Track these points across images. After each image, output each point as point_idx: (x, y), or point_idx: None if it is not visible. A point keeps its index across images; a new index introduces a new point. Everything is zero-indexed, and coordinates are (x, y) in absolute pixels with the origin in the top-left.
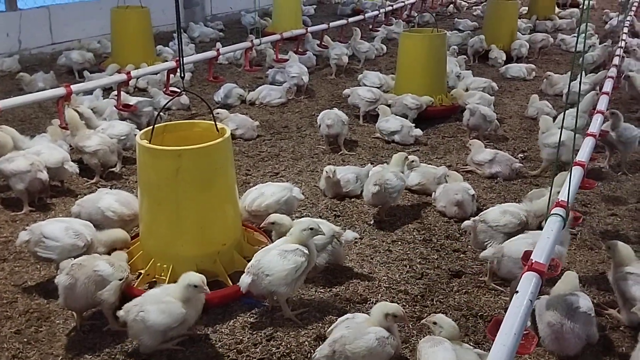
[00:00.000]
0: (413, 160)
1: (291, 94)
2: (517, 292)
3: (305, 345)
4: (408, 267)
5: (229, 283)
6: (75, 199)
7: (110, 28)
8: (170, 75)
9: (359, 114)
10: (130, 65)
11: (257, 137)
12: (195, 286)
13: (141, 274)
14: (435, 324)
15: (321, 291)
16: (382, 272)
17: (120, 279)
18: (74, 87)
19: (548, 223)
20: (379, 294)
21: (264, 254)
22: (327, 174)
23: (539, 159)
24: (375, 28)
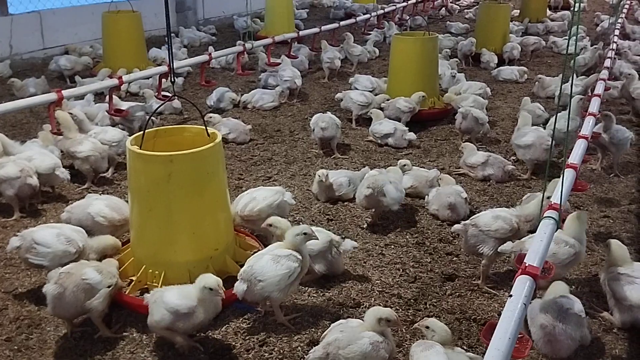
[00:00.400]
0: (405, 164)
1: (284, 98)
2: (510, 295)
3: (298, 350)
4: (401, 270)
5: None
6: (66, 204)
7: (101, 32)
8: (162, 80)
9: (351, 117)
10: (122, 70)
11: (249, 141)
12: (211, 289)
13: (132, 280)
14: (427, 328)
15: (314, 296)
16: (375, 276)
17: (109, 286)
18: (65, 93)
19: (541, 226)
20: (372, 298)
21: (256, 259)
22: (320, 177)
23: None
24: (367, 31)
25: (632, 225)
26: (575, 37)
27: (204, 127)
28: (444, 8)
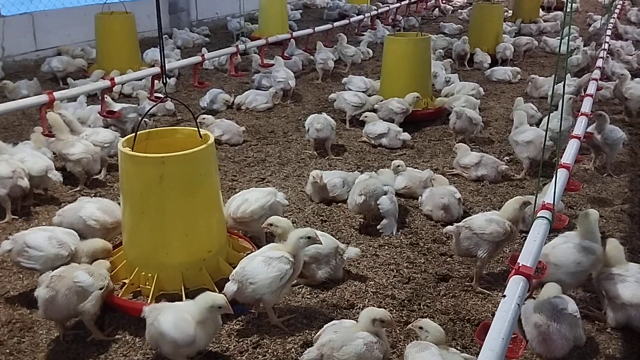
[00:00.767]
0: (399, 165)
1: (277, 99)
2: (504, 296)
3: (292, 352)
4: (395, 271)
5: (215, 291)
6: (59, 207)
7: (95, 34)
8: (155, 81)
9: (344, 118)
10: (115, 71)
11: (243, 143)
12: (220, 307)
13: (125, 283)
14: (421, 329)
15: (308, 297)
16: (369, 277)
17: (101, 288)
18: (57, 94)
19: (534, 226)
20: (366, 299)
21: (248, 261)
22: (315, 179)
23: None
24: (360, 32)
25: (625, 225)
26: (567, 37)
27: (197, 129)
28: (437, 9)
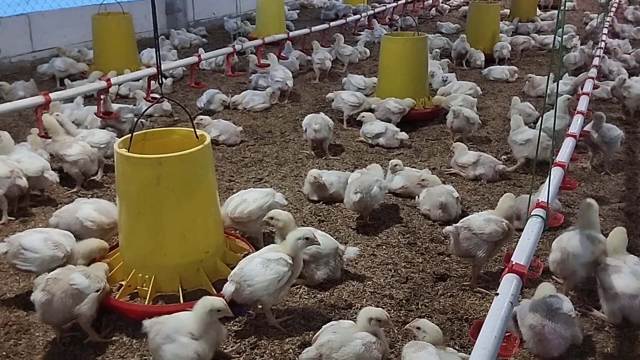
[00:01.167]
0: (396, 164)
1: (275, 99)
2: (497, 294)
3: (290, 353)
4: (393, 271)
5: (213, 292)
6: (55, 208)
7: (92, 35)
8: (152, 82)
9: (342, 118)
10: (112, 72)
11: (240, 143)
12: (219, 310)
13: (122, 285)
14: (418, 329)
15: (306, 297)
16: (367, 276)
17: (97, 290)
18: (53, 95)
19: (528, 224)
20: (364, 299)
21: (247, 262)
22: (317, 179)
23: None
24: (357, 32)
25: (622, 223)
26: (561, 35)
27: (193, 129)
28: (434, 8)
